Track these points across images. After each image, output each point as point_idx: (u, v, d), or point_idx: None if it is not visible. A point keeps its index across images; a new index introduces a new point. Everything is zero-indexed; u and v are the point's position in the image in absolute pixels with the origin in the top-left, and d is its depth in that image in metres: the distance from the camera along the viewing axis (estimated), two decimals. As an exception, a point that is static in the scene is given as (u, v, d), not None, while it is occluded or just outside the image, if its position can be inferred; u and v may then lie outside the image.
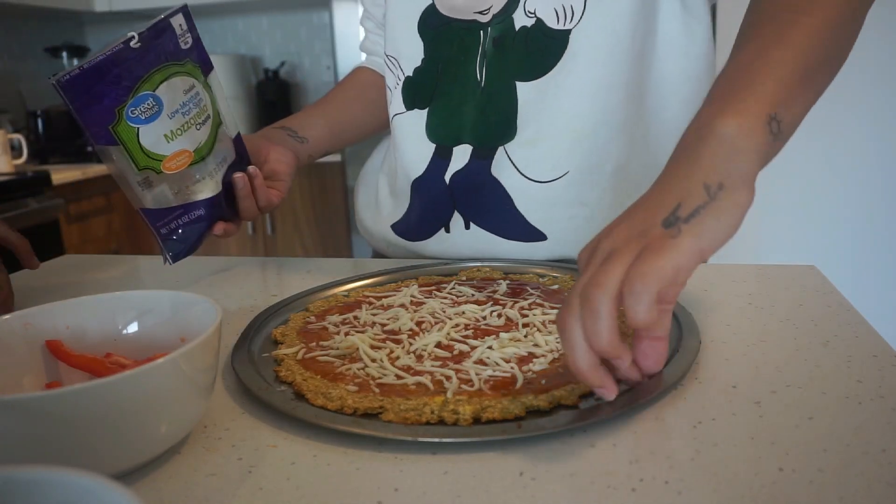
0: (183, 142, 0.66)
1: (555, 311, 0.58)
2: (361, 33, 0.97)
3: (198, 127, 0.67)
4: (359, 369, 0.49)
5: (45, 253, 0.95)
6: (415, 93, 0.79)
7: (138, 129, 0.63)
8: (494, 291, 0.64)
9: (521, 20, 0.71)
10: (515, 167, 0.75)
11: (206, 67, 0.70)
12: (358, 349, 0.52)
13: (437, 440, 0.40)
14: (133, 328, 0.49)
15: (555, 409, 0.43)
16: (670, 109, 0.76)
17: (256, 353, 0.54)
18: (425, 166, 0.79)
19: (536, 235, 0.76)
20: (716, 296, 0.65)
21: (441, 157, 0.78)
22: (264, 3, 2.96)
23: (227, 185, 0.71)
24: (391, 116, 0.83)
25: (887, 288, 2.46)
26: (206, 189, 0.69)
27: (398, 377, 0.47)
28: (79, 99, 0.61)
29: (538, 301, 0.61)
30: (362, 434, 0.41)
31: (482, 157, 0.75)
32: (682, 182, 0.43)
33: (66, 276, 0.83)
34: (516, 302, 0.61)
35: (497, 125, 0.74)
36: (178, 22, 0.67)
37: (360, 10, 0.95)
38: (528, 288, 0.65)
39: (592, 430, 0.41)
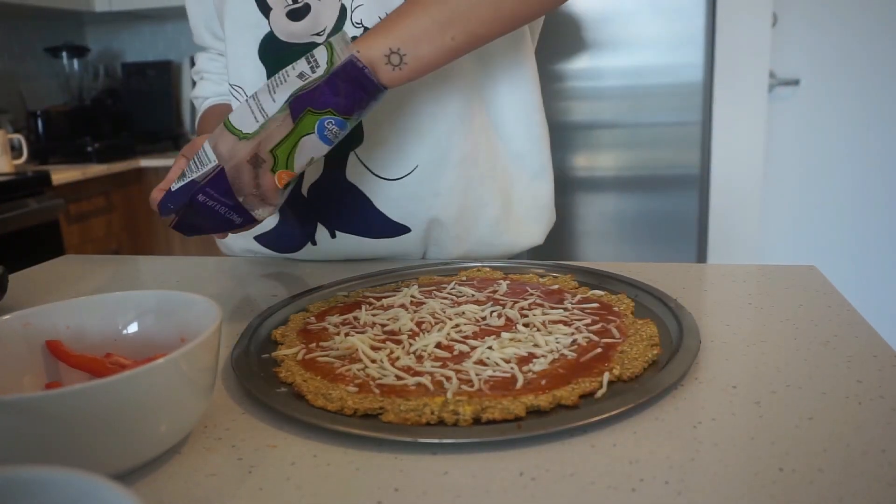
0: (302, 167, 0.61)
1: (555, 311, 0.58)
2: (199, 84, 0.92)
3: (311, 161, 0.63)
4: (359, 370, 0.49)
5: (45, 253, 0.95)
6: None
7: (312, 135, 0.59)
8: (494, 291, 0.64)
9: (351, 31, 0.74)
10: (368, 169, 0.78)
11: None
12: (358, 350, 0.52)
13: (437, 440, 0.40)
14: (133, 328, 0.49)
15: (555, 409, 0.43)
16: (504, 96, 0.80)
17: (256, 354, 0.54)
18: None
19: (401, 230, 0.80)
20: (716, 296, 0.65)
21: None
22: (264, 3, 2.96)
23: None
24: None
25: (887, 288, 2.46)
26: (265, 212, 0.63)
27: (398, 378, 0.48)
28: (342, 76, 0.58)
29: (538, 301, 0.61)
30: (362, 434, 0.41)
31: (335, 166, 0.78)
32: None
33: (66, 276, 0.83)
34: (516, 302, 0.61)
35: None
36: None
37: (196, 60, 0.92)
38: (527, 288, 0.65)
39: (592, 430, 0.41)
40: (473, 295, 0.63)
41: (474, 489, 0.37)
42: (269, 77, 0.74)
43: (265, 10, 0.74)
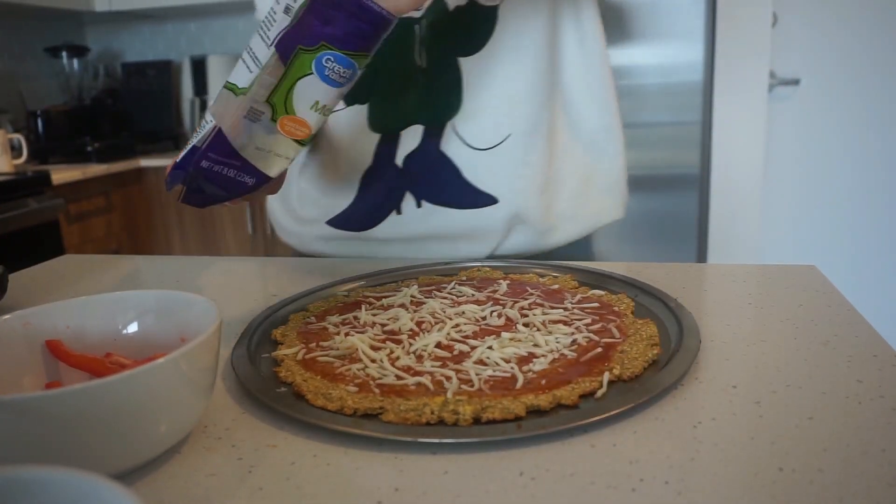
0: (316, 119, 0.57)
1: (555, 311, 0.58)
2: None
3: (327, 113, 0.58)
4: (359, 370, 0.49)
5: (45, 253, 0.95)
6: (354, 90, 0.76)
7: (310, 76, 0.54)
8: (494, 291, 0.64)
9: (453, 1, 0.75)
10: (461, 139, 0.79)
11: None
12: (358, 350, 0.52)
13: (437, 440, 0.40)
14: (133, 328, 0.49)
15: (555, 409, 0.43)
16: (579, 76, 0.83)
17: (256, 354, 0.54)
18: (371, 157, 0.80)
19: (487, 200, 0.80)
20: (716, 296, 0.65)
21: (386, 144, 0.80)
22: (264, 3, 2.96)
23: None
24: None
25: (887, 288, 2.45)
26: (276, 167, 0.58)
27: (398, 377, 0.48)
28: (318, 4, 0.53)
29: (538, 301, 0.61)
30: (362, 434, 0.41)
31: (433, 136, 0.79)
32: None
33: (66, 276, 0.83)
34: (516, 302, 0.61)
35: (444, 101, 0.78)
36: None
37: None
38: (527, 288, 0.65)
39: (592, 430, 0.41)
40: (473, 295, 0.63)
41: (474, 489, 0.37)
42: None
43: None
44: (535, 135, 0.80)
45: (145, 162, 2.68)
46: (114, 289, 0.74)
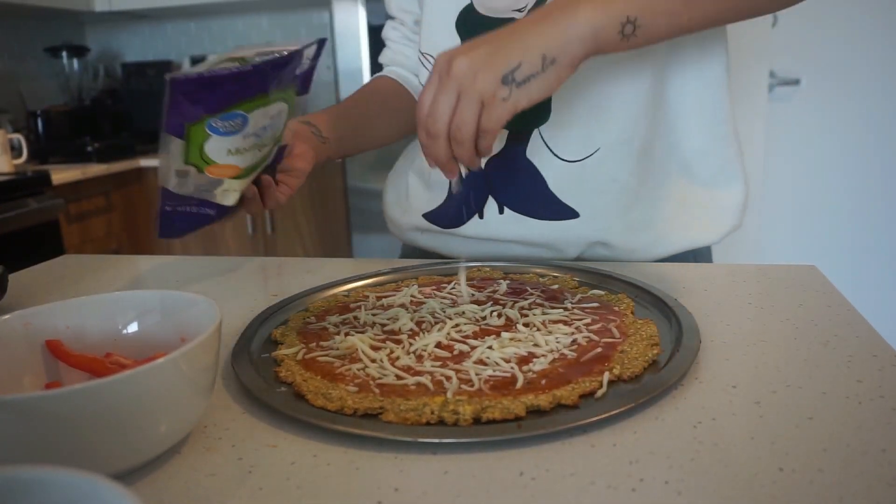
0: (240, 159, 0.64)
1: (555, 311, 0.58)
2: (393, 37, 0.95)
3: (260, 149, 0.66)
4: (359, 370, 0.49)
5: (45, 253, 0.95)
6: None
7: (211, 138, 0.61)
8: (494, 291, 0.64)
9: None
10: (549, 148, 0.77)
11: (303, 90, 0.70)
12: (358, 349, 0.52)
13: (437, 440, 0.40)
14: (133, 328, 0.49)
15: (555, 409, 0.43)
16: (690, 94, 0.78)
17: (256, 354, 0.54)
18: None
19: (569, 214, 0.78)
20: (716, 296, 0.65)
21: None
22: (264, 3, 2.96)
23: None
24: None
25: (887, 288, 2.45)
26: (230, 198, 0.67)
27: (398, 377, 0.48)
28: (178, 97, 0.59)
29: (538, 301, 0.61)
30: (362, 434, 0.41)
31: (519, 142, 0.77)
32: (530, 41, 0.57)
33: (66, 276, 0.83)
34: (516, 302, 0.61)
35: (533, 109, 0.76)
36: (309, 53, 0.66)
37: (387, 22, 0.95)
38: (527, 288, 0.65)
39: (592, 430, 0.41)
40: (473, 294, 0.63)
41: (474, 489, 0.37)
42: None
43: None
44: (627, 151, 0.76)
45: (145, 162, 2.68)
46: (114, 289, 0.74)
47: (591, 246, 0.79)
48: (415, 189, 0.89)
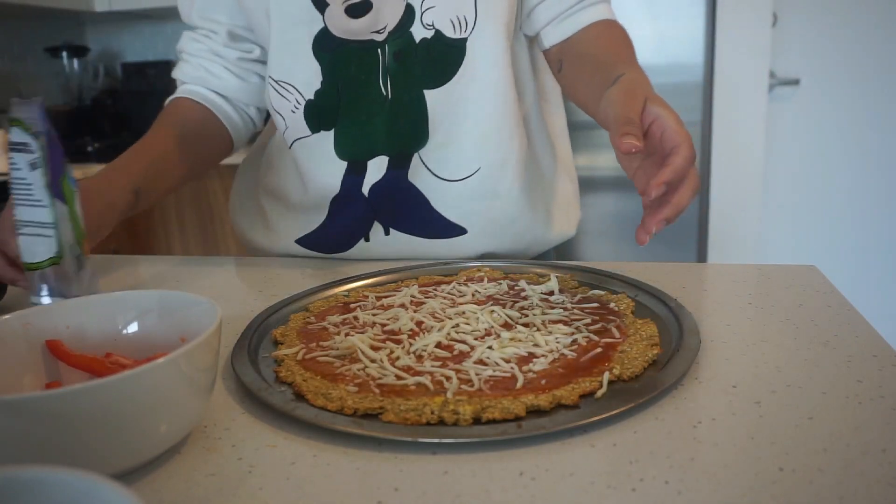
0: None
1: (555, 311, 0.58)
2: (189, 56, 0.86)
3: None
4: (359, 370, 0.49)
5: (45, 253, 0.95)
6: (319, 115, 0.77)
7: (75, 192, 0.59)
8: (495, 291, 0.64)
9: (420, 33, 0.74)
10: (430, 170, 0.78)
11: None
12: (358, 349, 0.52)
13: (437, 440, 0.40)
14: (133, 328, 0.49)
15: (555, 409, 0.43)
16: (552, 105, 0.87)
17: (256, 354, 0.54)
18: (339, 184, 0.79)
19: (457, 231, 0.81)
20: (716, 296, 0.65)
21: (354, 173, 0.78)
22: (264, 3, 2.96)
23: None
24: (289, 141, 0.80)
25: (887, 288, 2.45)
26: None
27: (398, 377, 0.47)
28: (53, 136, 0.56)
29: (538, 301, 0.61)
30: (362, 434, 0.41)
31: (399, 167, 0.78)
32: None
33: (66, 276, 0.83)
34: (516, 302, 0.61)
35: (410, 133, 0.77)
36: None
37: (181, 38, 0.87)
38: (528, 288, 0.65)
39: (592, 430, 0.41)
40: (473, 294, 0.63)
41: (474, 489, 0.37)
42: (323, 74, 0.75)
43: (321, 5, 0.73)
44: (506, 167, 0.79)
45: (145, 162, 2.67)
46: (114, 289, 0.74)
47: (480, 257, 0.82)
48: (275, 213, 0.87)
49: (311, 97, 0.77)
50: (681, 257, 2.18)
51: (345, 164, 0.78)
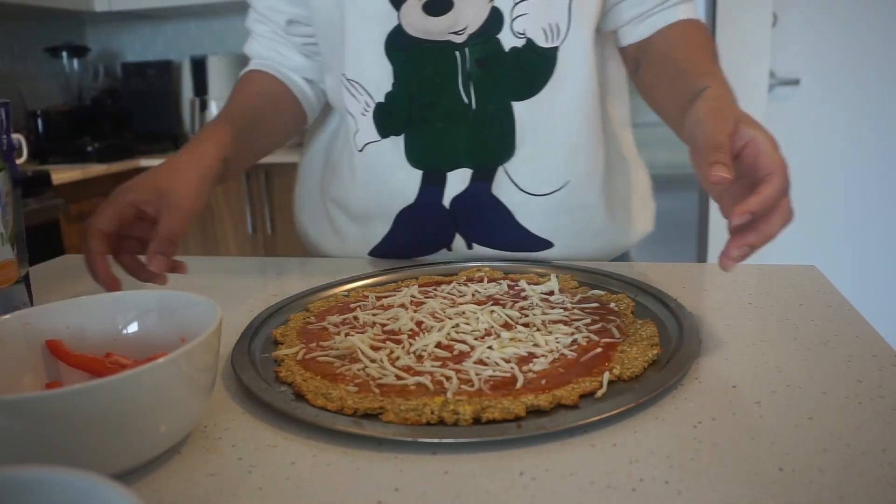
0: (6, 251, 0.58)
1: (555, 311, 0.58)
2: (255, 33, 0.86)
3: (3, 242, 0.60)
4: (359, 370, 0.49)
5: (45, 253, 0.95)
6: (388, 119, 0.75)
7: None
8: (495, 292, 0.64)
9: (509, 41, 0.71)
10: (515, 184, 0.76)
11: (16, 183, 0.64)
12: (358, 349, 0.52)
13: (437, 440, 0.40)
14: (133, 328, 0.49)
15: (555, 409, 0.43)
16: (618, 108, 0.84)
17: (256, 354, 0.54)
18: (415, 194, 0.77)
19: (543, 245, 0.78)
20: (716, 296, 0.65)
21: (433, 183, 0.76)
22: (264, 3, 2.96)
23: None
24: (360, 145, 0.78)
25: (887, 288, 2.45)
26: None
27: (398, 377, 0.47)
28: None
29: (538, 301, 0.61)
30: (362, 434, 0.41)
31: (483, 179, 0.75)
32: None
33: (66, 276, 0.83)
34: (516, 302, 0.61)
35: (495, 146, 0.74)
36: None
37: (249, 14, 0.86)
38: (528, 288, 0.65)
39: (592, 430, 0.41)
40: (473, 294, 0.63)
41: (474, 489, 0.37)
42: (395, 75, 0.72)
43: (397, 1, 0.70)
44: (593, 177, 0.77)
45: (145, 162, 2.68)
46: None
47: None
48: (342, 221, 0.85)
49: (382, 99, 0.74)
50: (681, 257, 2.18)
51: (419, 172, 0.76)
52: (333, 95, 0.82)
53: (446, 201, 0.76)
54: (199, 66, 2.91)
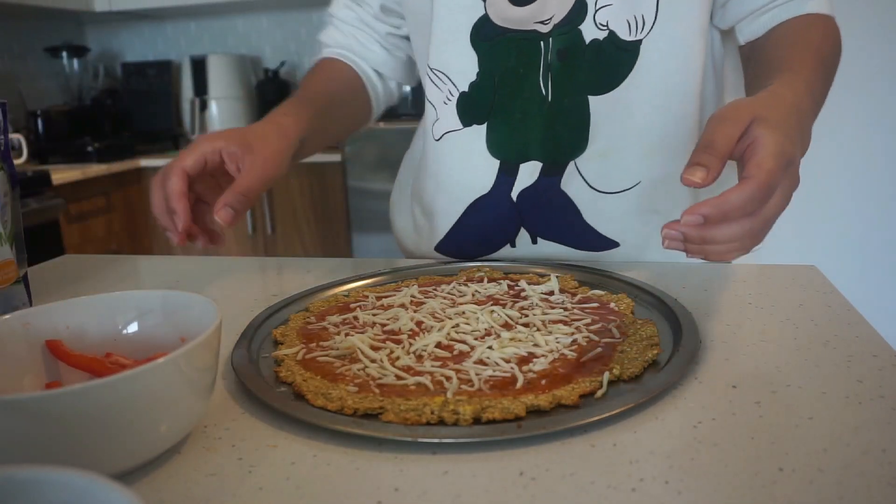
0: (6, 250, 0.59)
1: (555, 311, 0.58)
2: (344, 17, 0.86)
3: (2, 242, 0.61)
4: (359, 370, 0.49)
5: (45, 253, 0.95)
6: (472, 108, 0.75)
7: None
8: (495, 292, 0.64)
9: (591, 32, 0.69)
10: (585, 181, 0.73)
11: (14, 182, 0.64)
12: (358, 349, 0.52)
13: (437, 440, 0.40)
14: (133, 328, 0.49)
15: (555, 409, 0.43)
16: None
17: (256, 354, 0.54)
18: (491, 183, 0.76)
19: (608, 244, 0.76)
20: (716, 296, 0.65)
21: (507, 174, 0.75)
22: (264, 3, 2.97)
23: None
24: (438, 134, 0.77)
25: (887, 288, 2.45)
26: None
27: (398, 377, 0.47)
28: None
29: (538, 301, 0.61)
30: (362, 434, 0.41)
31: (552, 174, 0.74)
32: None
33: (66, 276, 0.83)
34: (516, 302, 0.61)
35: (567, 140, 0.72)
36: None
37: (333, 2, 0.86)
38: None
39: (592, 430, 0.41)
40: (473, 294, 0.63)
41: (474, 489, 0.37)
42: (480, 65, 0.71)
43: None
44: (672, 181, 0.72)
45: (145, 162, 2.68)
46: (114, 289, 0.74)
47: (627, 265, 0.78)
48: (421, 221, 0.85)
49: (466, 89, 0.74)
50: (681, 257, 2.18)
51: (496, 162, 0.75)
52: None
53: (514, 194, 0.75)
54: (199, 66, 2.91)
